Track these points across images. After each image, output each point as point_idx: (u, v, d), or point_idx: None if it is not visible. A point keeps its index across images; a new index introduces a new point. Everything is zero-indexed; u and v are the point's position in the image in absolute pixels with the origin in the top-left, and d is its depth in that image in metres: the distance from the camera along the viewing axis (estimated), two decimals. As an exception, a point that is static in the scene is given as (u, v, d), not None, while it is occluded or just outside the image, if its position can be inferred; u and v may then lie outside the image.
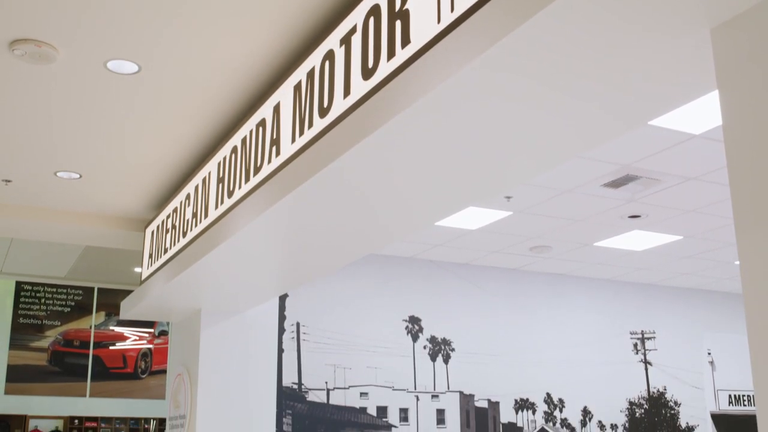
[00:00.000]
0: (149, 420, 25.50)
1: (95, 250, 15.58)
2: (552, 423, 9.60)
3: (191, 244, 5.95)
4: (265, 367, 7.34)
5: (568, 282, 10.12)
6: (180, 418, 7.31)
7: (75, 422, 24.56)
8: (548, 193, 7.15)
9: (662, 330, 10.67)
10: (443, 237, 8.39)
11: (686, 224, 8.14)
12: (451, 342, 9.13)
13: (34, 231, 7.95)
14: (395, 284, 8.97)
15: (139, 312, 7.62)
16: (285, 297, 8.21)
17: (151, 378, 25.62)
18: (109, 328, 25.72)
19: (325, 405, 8.26)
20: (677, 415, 10.54)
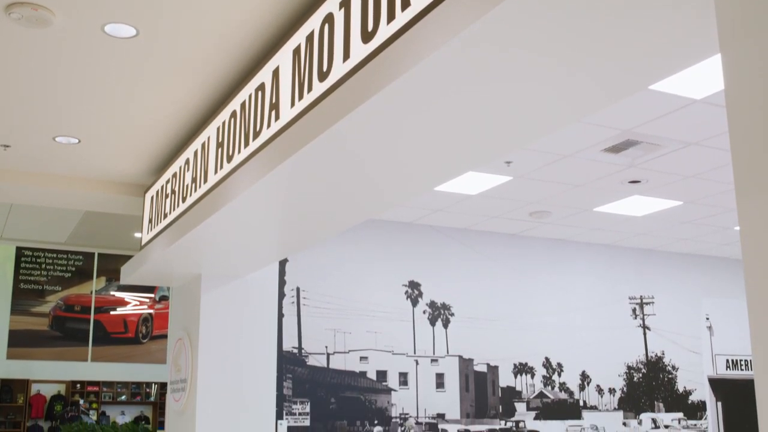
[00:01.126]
0: (150, 384, 25.71)
1: (95, 216, 15.59)
2: (550, 387, 9.67)
3: (191, 209, 5.95)
4: (265, 332, 7.38)
5: (567, 247, 10.13)
6: (181, 382, 7.36)
7: (77, 386, 24.76)
8: (548, 158, 7.14)
9: (661, 295, 10.71)
10: (443, 202, 8.39)
11: (686, 190, 8.13)
12: (451, 307, 9.16)
13: (33, 196, 7.94)
14: (395, 249, 8.99)
15: (139, 277, 7.64)
16: (285, 262, 8.23)
17: (152, 343, 25.79)
18: (110, 294, 25.84)
19: (325, 369, 8.31)
20: (675, 380, 10.62)
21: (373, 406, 8.49)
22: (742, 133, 2.72)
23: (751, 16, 2.52)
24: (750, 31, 2.51)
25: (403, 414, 8.62)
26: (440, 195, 8.11)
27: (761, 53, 2.46)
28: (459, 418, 8.96)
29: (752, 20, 2.50)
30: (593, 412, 9.87)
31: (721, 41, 2.61)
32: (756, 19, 2.49)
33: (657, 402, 10.40)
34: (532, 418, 9.45)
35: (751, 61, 2.50)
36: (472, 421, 9.04)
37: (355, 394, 8.42)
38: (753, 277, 2.81)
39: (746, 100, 2.62)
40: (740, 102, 2.65)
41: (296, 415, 8.04)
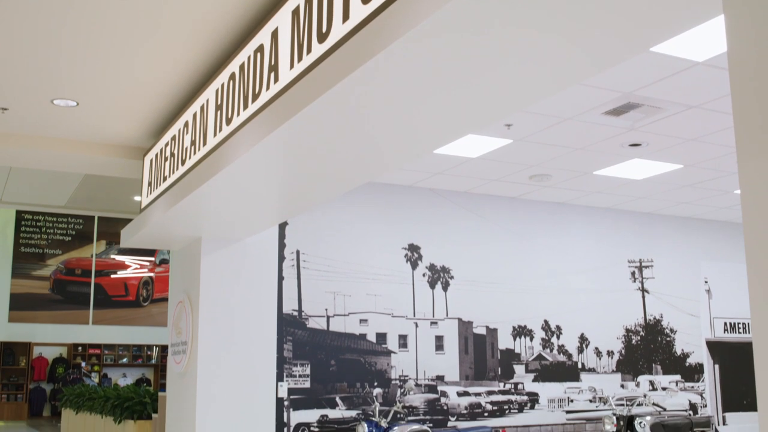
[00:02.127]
0: (152, 347, 25.91)
1: (94, 179, 15.58)
2: (549, 349, 9.73)
3: (190, 172, 5.94)
4: (265, 294, 7.41)
5: (567, 210, 10.13)
6: (182, 344, 7.40)
7: (78, 349, 24.95)
8: (548, 121, 7.11)
9: (660, 258, 10.73)
10: (443, 165, 8.37)
11: (687, 153, 8.11)
12: (450, 269, 9.19)
13: (32, 159, 7.92)
14: (395, 212, 8.99)
15: (139, 240, 7.65)
16: (285, 225, 8.23)
17: (152, 306, 25.93)
18: (110, 257, 25.92)
19: (325, 331, 8.35)
20: (673, 343, 10.68)
21: (372, 368, 8.54)
22: (745, 95, 2.70)
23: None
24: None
25: (403, 376, 8.68)
26: (440, 158, 8.09)
27: (765, 14, 2.44)
28: (458, 380, 9.03)
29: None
30: (591, 375, 9.94)
31: (725, 2, 2.58)
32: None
33: (655, 364, 10.47)
34: (531, 380, 9.52)
35: (755, 22, 2.47)
36: (471, 383, 9.11)
37: (355, 357, 8.48)
38: (753, 239, 2.81)
39: (749, 62, 2.60)
40: (743, 64, 2.63)
41: (296, 377, 8.10)
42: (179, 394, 7.49)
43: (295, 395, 8.08)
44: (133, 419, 11.83)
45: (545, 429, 9.48)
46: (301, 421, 8.06)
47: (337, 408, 8.25)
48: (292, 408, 8.04)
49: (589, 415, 9.82)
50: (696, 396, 10.70)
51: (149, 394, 12.27)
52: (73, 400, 16.04)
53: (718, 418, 10.85)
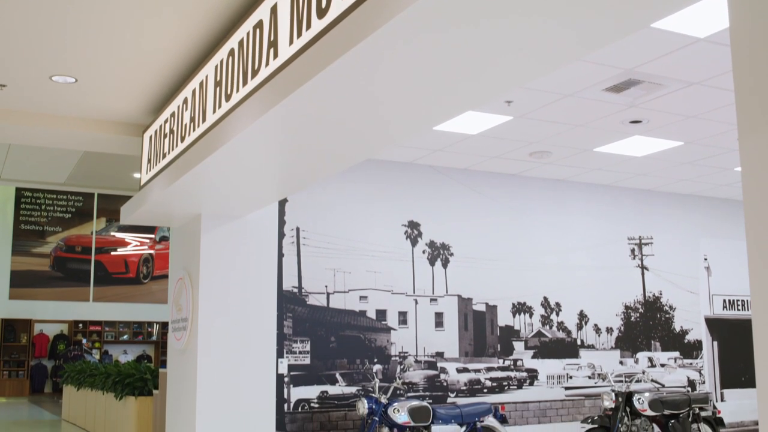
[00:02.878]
0: (152, 324, 25.98)
1: (94, 156, 15.56)
2: (548, 326, 9.76)
3: (190, 149, 5.93)
4: (265, 271, 7.42)
5: (567, 187, 10.13)
6: (182, 321, 7.42)
7: (79, 326, 25.02)
8: (549, 98, 7.09)
9: (659, 236, 10.74)
10: (443, 142, 8.35)
11: (687, 130, 8.09)
12: (450, 246, 9.19)
13: (31, 136, 7.90)
14: (395, 189, 8.98)
15: (139, 217, 7.64)
16: (285, 202, 8.23)
17: (153, 283, 25.98)
18: (110, 234, 25.94)
19: (325, 308, 8.38)
20: (672, 319, 10.71)
21: (372, 344, 8.57)
22: (746, 72, 2.69)
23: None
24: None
25: (403, 352, 8.71)
26: (440, 135, 8.07)
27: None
28: (458, 357, 9.07)
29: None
30: (590, 351, 9.98)
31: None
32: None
33: (654, 341, 10.51)
34: (530, 356, 9.56)
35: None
36: (470, 360, 9.15)
37: (355, 333, 8.50)
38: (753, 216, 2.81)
39: (751, 38, 2.58)
40: (745, 40, 2.61)
41: (297, 353, 8.13)
42: (180, 371, 7.52)
43: (296, 371, 8.11)
44: (134, 395, 11.90)
45: (544, 405, 9.53)
46: (301, 398, 8.10)
47: (337, 384, 8.29)
48: (293, 384, 8.08)
49: (587, 391, 9.87)
50: (694, 373, 10.75)
51: (150, 371, 12.33)
52: (75, 376, 16.11)
53: (716, 395, 10.90)
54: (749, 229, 2.82)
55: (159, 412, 10.67)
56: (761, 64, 2.55)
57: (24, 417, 18.31)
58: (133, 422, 11.83)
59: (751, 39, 2.55)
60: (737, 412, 10.90)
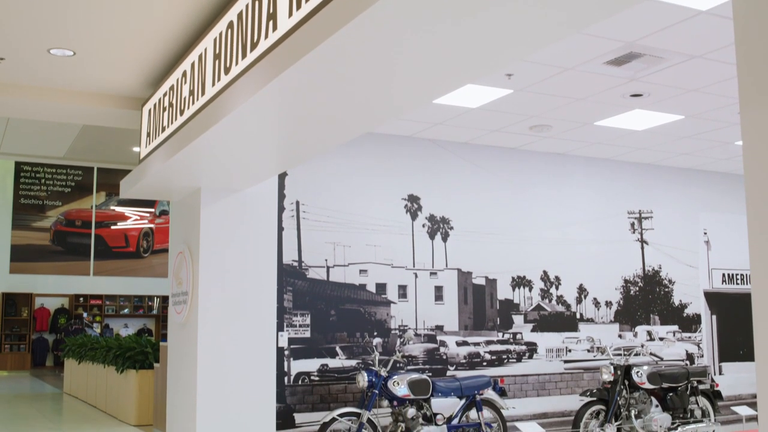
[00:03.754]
0: (153, 297, 26.07)
1: (93, 130, 15.52)
2: (548, 300, 9.79)
3: (189, 123, 5.91)
4: (265, 245, 7.43)
5: (567, 161, 10.11)
6: (182, 294, 7.44)
7: (80, 300, 25.10)
8: (549, 71, 7.06)
9: (659, 210, 10.74)
10: (443, 115, 8.33)
11: (688, 104, 8.07)
12: (450, 220, 9.20)
13: (29, 110, 7.88)
14: (394, 163, 8.97)
15: (138, 191, 7.64)
16: (284, 176, 8.22)
17: (153, 257, 26.03)
18: (110, 208, 25.95)
19: (325, 282, 8.39)
20: (671, 293, 10.74)
21: (372, 318, 8.61)
22: (749, 45, 2.67)
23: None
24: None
25: (402, 326, 8.74)
26: (440, 108, 8.05)
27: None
28: (457, 330, 9.10)
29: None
30: (590, 325, 10.02)
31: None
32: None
33: (653, 315, 10.54)
34: (530, 330, 9.60)
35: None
36: (469, 333, 9.18)
37: (355, 307, 8.53)
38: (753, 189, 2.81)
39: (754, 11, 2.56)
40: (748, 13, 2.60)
41: (297, 326, 8.16)
42: (180, 344, 7.55)
43: (296, 345, 8.15)
44: (135, 369, 11.96)
45: (543, 378, 9.58)
46: (301, 370, 8.14)
47: (337, 357, 8.33)
48: (293, 357, 8.12)
49: (586, 364, 9.91)
50: (693, 346, 10.80)
51: (151, 344, 12.39)
52: (76, 350, 16.19)
53: (715, 368, 10.96)
54: (749, 203, 2.82)
55: (160, 385, 10.73)
56: (763, 37, 2.54)
57: (26, 390, 18.42)
58: (134, 395, 11.90)
59: (754, 12, 2.53)
60: (735, 386, 10.96)
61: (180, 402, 7.46)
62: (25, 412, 13.81)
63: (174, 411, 7.62)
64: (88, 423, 12.19)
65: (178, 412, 7.50)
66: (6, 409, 14.29)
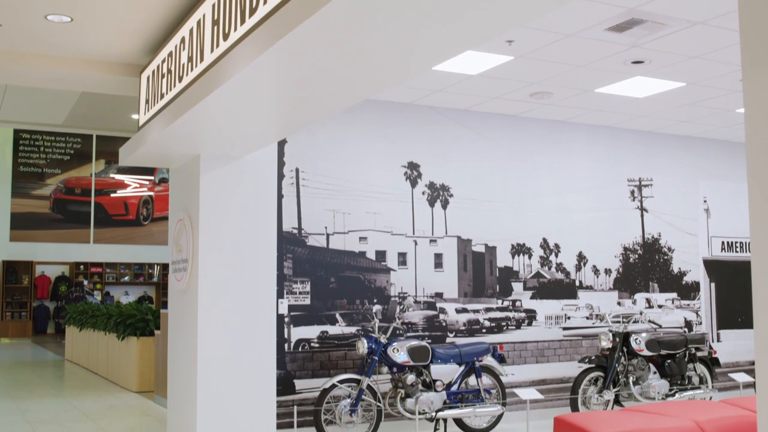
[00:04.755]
0: (153, 265, 26.12)
1: (91, 97, 15.47)
2: (547, 267, 9.81)
3: (188, 89, 5.89)
4: (265, 212, 7.43)
5: (567, 129, 10.08)
6: (182, 262, 7.46)
7: (80, 268, 25.16)
8: (550, 38, 7.01)
9: (659, 177, 10.73)
10: (443, 82, 8.29)
11: (690, 71, 8.03)
12: (450, 188, 9.19)
13: (27, 77, 7.84)
14: (394, 130, 8.94)
15: (138, 158, 7.63)
16: (284, 143, 8.20)
17: (153, 225, 26.06)
18: (110, 176, 25.93)
19: (324, 249, 8.41)
20: (670, 261, 10.76)
21: (372, 285, 8.63)
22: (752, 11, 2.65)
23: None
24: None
25: (402, 293, 8.77)
26: (440, 75, 8.01)
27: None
28: (457, 298, 9.13)
29: None
30: (589, 292, 10.05)
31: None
32: None
33: (652, 282, 10.58)
34: (529, 297, 9.63)
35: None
36: (469, 300, 9.22)
37: (355, 274, 8.55)
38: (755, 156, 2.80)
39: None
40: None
41: (297, 294, 8.19)
42: (181, 311, 7.58)
43: (296, 312, 8.18)
44: (135, 336, 12.04)
45: (542, 345, 9.63)
46: (301, 337, 8.18)
47: (337, 324, 8.36)
48: (293, 324, 8.16)
49: (585, 332, 9.96)
50: (691, 314, 10.84)
51: (151, 312, 12.45)
52: (77, 317, 16.28)
53: (713, 335, 11.01)
54: (750, 171, 2.81)
55: (161, 352, 10.80)
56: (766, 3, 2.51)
57: (27, 357, 18.53)
58: (135, 362, 11.98)
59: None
60: (733, 353, 11.03)
61: (181, 369, 7.50)
62: (27, 378, 13.90)
63: (175, 378, 7.67)
64: (90, 389, 12.28)
65: (178, 379, 7.54)
66: (8, 375, 14.38)
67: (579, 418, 5.97)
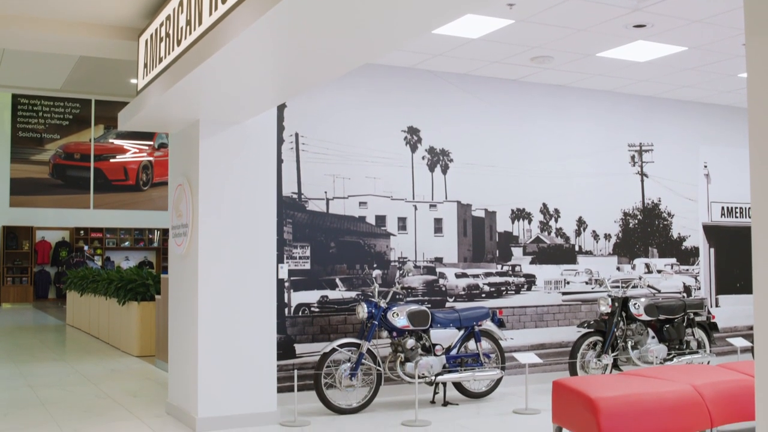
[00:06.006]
0: (153, 230, 26.15)
1: (89, 61, 15.37)
2: (547, 232, 9.82)
3: (186, 53, 5.85)
4: (264, 177, 7.42)
5: (568, 93, 10.03)
6: (182, 227, 7.46)
7: (80, 233, 25.19)
8: (551, 1, 6.95)
9: (660, 142, 10.70)
10: (443, 46, 8.23)
11: (692, 35, 7.97)
12: (450, 152, 9.17)
13: (23, 41, 7.78)
14: (394, 95, 8.90)
15: (136, 123, 7.60)
16: (283, 107, 8.16)
17: (153, 190, 26.05)
18: (109, 141, 25.87)
19: (324, 214, 8.41)
20: (670, 226, 10.77)
21: (372, 250, 8.64)
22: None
23: None
24: None
25: (402, 258, 8.79)
26: (440, 39, 7.95)
27: None
28: (456, 262, 9.15)
29: None
30: (588, 257, 10.07)
31: None
32: None
33: (651, 248, 10.59)
34: (528, 262, 9.65)
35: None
36: (469, 265, 9.24)
37: (355, 239, 8.56)
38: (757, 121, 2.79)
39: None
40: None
41: (297, 258, 8.20)
42: (181, 276, 7.60)
43: (296, 277, 8.20)
44: (136, 301, 12.09)
45: (541, 310, 9.67)
46: (301, 302, 8.21)
47: (336, 289, 8.39)
48: (293, 289, 8.18)
49: (585, 296, 10.00)
50: (690, 279, 10.87)
51: (152, 277, 12.49)
52: (77, 282, 16.34)
53: (711, 301, 11.06)
54: (752, 135, 2.80)
55: (161, 316, 10.85)
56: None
57: (29, 322, 18.62)
58: (136, 327, 12.04)
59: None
60: (731, 318, 11.08)
61: (181, 333, 7.54)
62: (29, 343, 13.99)
63: (175, 342, 7.71)
64: (91, 354, 12.36)
65: (179, 343, 7.59)
66: (9, 340, 14.47)
67: (577, 381, 6.01)
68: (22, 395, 8.68)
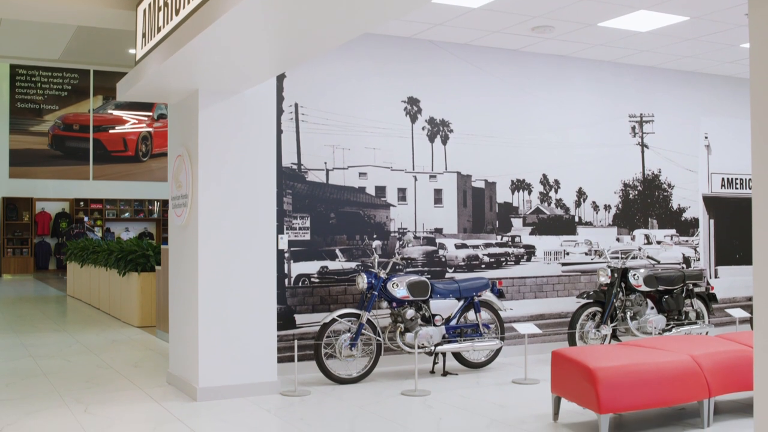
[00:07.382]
0: (153, 201, 26.15)
1: (87, 31, 15.28)
2: (547, 203, 9.81)
3: (185, 22, 5.81)
4: (264, 147, 7.40)
5: (569, 64, 9.98)
6: (182, 197, 7.46)
7: (80, 204, 25.20)
8: (553, -30, 6.89)
9: (660, 113, 10.66)
10: (443, 16, 8.18)
11: (694, 4, 7.91)
12: (450, 123, 9.14)
13: (20, 10, 7.72)
14: (394, 65, 8.85)
15: (135, 94, 7.56)
16: (282, 78, 8.12)
17: (152, 161, 26.03)
18: (108, 112, 25.80)
19: (324, 185, 8.40)
20: (670, 197, 10.76)
21: (372, 221, 8.65)
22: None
23: None
24: None
25: (402, 229, 8.79)
26: (440, 8, 7.90)
27: None
28: (456, 233, 9.16)
29: None
30: (588, 228, 10.08)
31: None
32: None
33: (651, 219, 10.59)
34: (528, 233, 9.66)
35: None
36: (469, 236, 9.24)
37: (355, 210, 8.56)
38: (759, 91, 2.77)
39: None
40: None
41: (296, 229, 8.21)
42: (181, 247, 7.61)
43: (296, 247, 8.21)
44: (137, 272, 12.11)
45: (541, 281, 9.69)
46: (301, 273, 8.23)
47: (336, 260, 8.40)
48: (293, 260, 8.19)
49: (584, 267, 10.02)
50: (690, 250, 10.89)
51: (152, 248, 12.51)
52: (78, 253, 16.37)
53: (711, 272, 11.08)
54: (754, 106, 2.78)
55: (162, 287, 10.88)
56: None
57: (30, 293, 18.68)
58: (136, 297, 12.08)
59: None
60: (730, 289, 11.11)
61: (182, 304, 7.56)
62: (30, 314, 14.04)
63: (176, 312, 7.73)
64: (92, 324, 12.41)
65: (180, 314, 7.61)
66: (10, 311, 14.52)
67: (576, 352, 6.03)
68: (23, 365, 8.73)
